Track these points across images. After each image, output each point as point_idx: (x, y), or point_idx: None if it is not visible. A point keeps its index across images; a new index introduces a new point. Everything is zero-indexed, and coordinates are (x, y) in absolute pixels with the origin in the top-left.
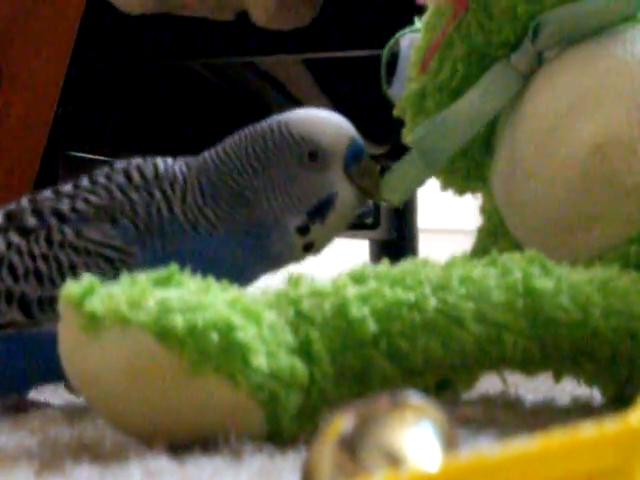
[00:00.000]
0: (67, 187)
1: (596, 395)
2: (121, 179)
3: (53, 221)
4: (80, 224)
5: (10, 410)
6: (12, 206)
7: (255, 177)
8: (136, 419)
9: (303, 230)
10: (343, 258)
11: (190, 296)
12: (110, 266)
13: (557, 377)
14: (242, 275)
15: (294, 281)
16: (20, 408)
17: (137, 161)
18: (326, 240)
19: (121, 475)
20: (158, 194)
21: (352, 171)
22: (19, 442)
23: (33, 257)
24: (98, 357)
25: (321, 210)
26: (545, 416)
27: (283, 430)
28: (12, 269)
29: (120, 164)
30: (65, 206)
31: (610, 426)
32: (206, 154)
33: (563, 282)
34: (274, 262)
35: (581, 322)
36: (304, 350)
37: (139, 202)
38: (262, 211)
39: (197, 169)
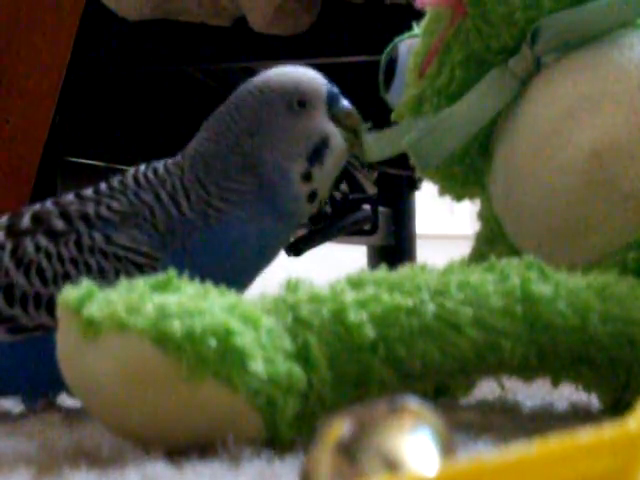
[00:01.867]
0: (88, 192)
1: (594, 401)
2: (132, 184)
3: (82, 226)
4: (108, 229)
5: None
6: (37, 208)
7: (252, 139)
8: (134, 424)
9: (307, 177)
10: (341, 264)
11: (188, 301)
12: (139, 272)
13: (555, 383)
14: (266, 248)
15: (292, 286)
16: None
17: (142, 167)
18: (325, 187)
19: None
20: (164, 196)
21: (335, 113)
22: (17, 446)
23: (62, 261)
24: (96, 362)
25: (318, 153)
26: (543, 421)
27: (281, 435)
28: (41, 273)
29: (130, 171)
30: (91, 210)
31: (608, 431)
32: (193, 145)
33: (561, 288)
34: (289, 221)
35: (579, 328)
36: (302, 355)
37: (154, 205)
38: (268, 168)
39: (190, 164)
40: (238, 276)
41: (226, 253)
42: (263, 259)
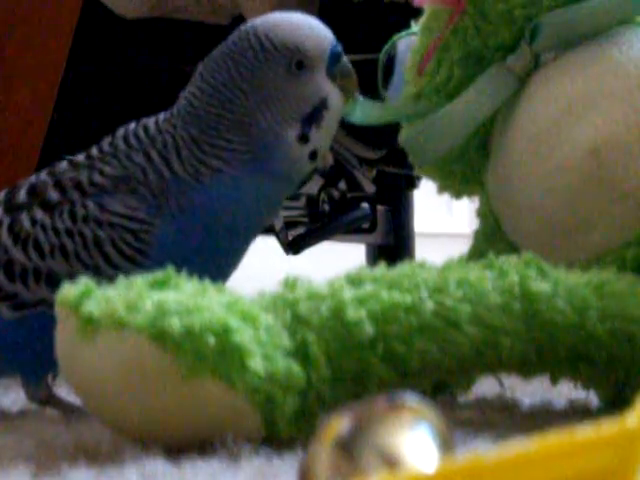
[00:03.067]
0: (81, 157)
1: (593, 398)
2: (122, 146)
3: (75, 195)
4: (102, 197)
5: (36, 402)
6: (33, 180)
7: (246, 98)
8: (133, 422)
9: (303, 138)
10: (339, 262)
11: (187, 299)
12: (134, 238)
13: (554, 380)
14: (264, 207)
15: (291, 284)
16: (45, 402)
17: (132, 126)
18: (325, 145)
19: (118, 478)
20: (155, 155)
21: (336, 73)
22: (16, 444)
23: (57, 233)
24: (95, 360)
25: (315, 116)
26: (542, 419)
27: (280, 433)
28: (38, 246)
29: (120, 131)
30: (84, 178)
31: (607, 428)
32: (187, 95)
33: (560, 285)
34: (287, 180)
35: (578, 325)
36: (301, 353)
37: (146, 167)
38: (261, 130)
39: (183, 119)
40: (236, 236)
41: (223, 212)
42: (261, 218)
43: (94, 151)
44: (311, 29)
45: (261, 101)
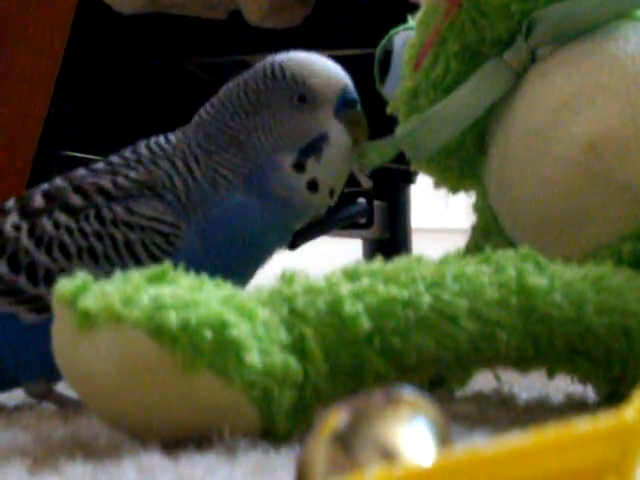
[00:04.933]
0: (100, 164)
1: (590, 392)
2: (146, 152)
3: (100, 199)
4: (128, 201)
5: (33, 397)
6: (46, 187)
7: (247, 119)
8: (130, 416)
9: (298, 167)
10: (336, 257)
11: (184, 293)
12: (165, 241)
13: (551, 374)
14: (269, 228)
15: (288, 278)
16: (45, 397)
17: (153, 138)
18: (329, 179)
19: (115, 472)
20: (179, 163)
21: (342, 118)
22: (13, 439)
23: (85, 235)
24: (91, 354)
25: (313, 147)
26: (539, 413)
27: (277, 427)
28: (64, 248)
29: (141, 142)
30: (107, 183)
31: (604, 422)
32: (201, 111)
33: (557, 279)
34: (286, 209)
35: (575, 319)
36: (298, 347)
37: (172, 174)
38: (254, 151)
39: (194, 132)
40: (245, 254)
41: (236, 225)
42: (267, 239)
43: (114, 158)
44: (324, 70)
45: (259, 124)
